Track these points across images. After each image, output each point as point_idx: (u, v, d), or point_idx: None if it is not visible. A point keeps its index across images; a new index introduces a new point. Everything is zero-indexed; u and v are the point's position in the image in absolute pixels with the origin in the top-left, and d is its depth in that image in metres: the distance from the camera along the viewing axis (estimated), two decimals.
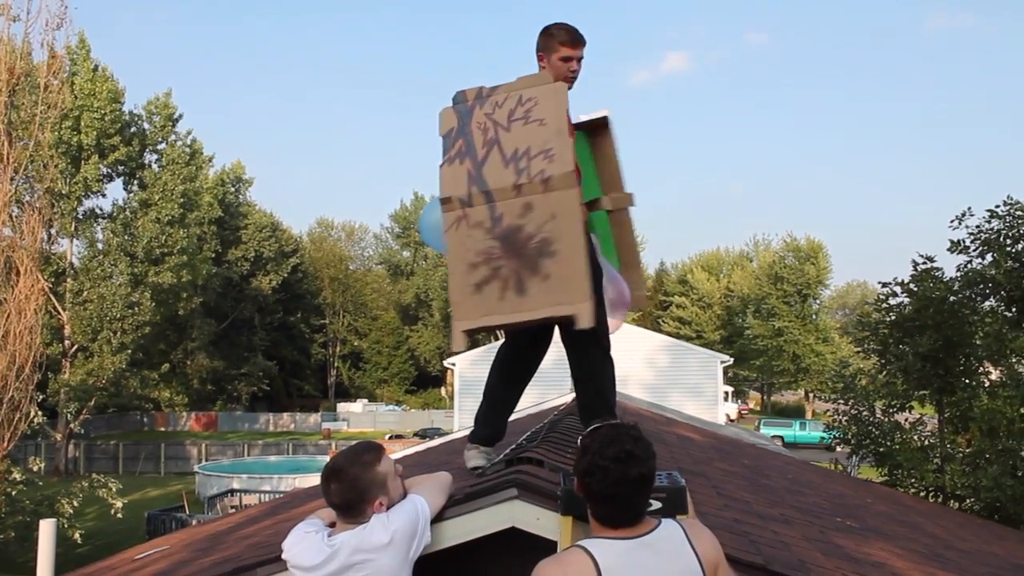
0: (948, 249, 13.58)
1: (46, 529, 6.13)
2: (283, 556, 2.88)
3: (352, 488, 2.76)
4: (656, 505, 2.68)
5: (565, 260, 3.30)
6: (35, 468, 19.53)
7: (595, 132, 4.11)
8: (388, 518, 2.72)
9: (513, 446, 4.16)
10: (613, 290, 3.87)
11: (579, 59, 3.70)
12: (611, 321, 3.89)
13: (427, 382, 74.27)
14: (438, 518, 3.00)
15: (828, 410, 15.86)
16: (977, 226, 13.33)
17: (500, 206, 3.41)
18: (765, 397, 72.87)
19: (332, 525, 2.88)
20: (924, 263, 13.68)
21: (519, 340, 3.72)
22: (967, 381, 13.15)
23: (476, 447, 3.67)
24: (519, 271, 3.36)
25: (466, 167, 3.48)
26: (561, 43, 3.64)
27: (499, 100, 3.54)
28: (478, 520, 3.03)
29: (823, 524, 4.88)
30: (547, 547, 2.96)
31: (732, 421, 45.19)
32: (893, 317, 13.91)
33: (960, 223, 13.50)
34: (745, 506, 4.56)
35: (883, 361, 14.23)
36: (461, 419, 29.76)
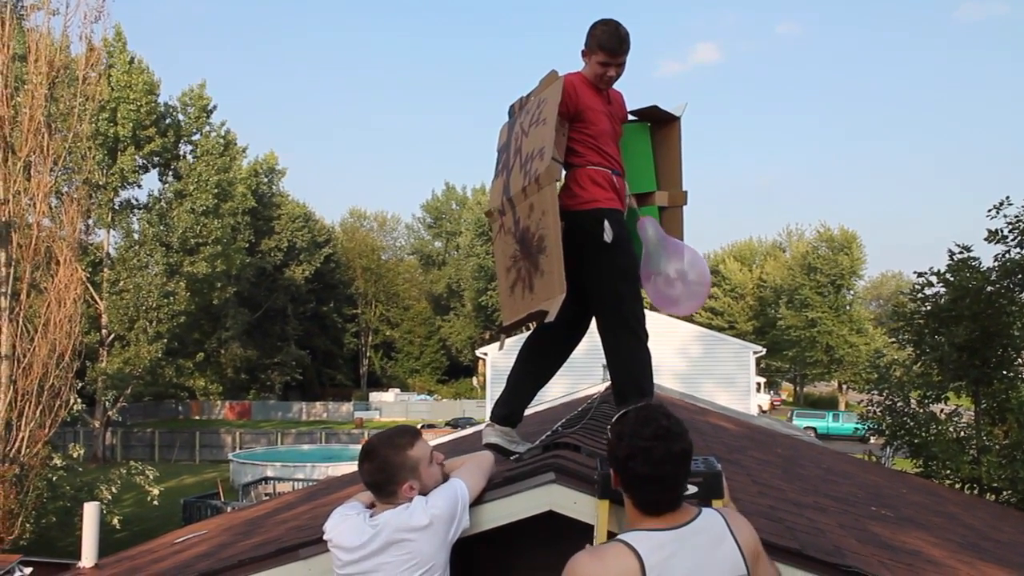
0: (985, 239, 13.39)
1: (90, 512, 6.23)
2: (325, 537, 2.92)
3: (382, 469, 2.81)
4: (692, 490, 2.65)
5: (551, 254, 3.35)
6: (75, 455, 19.87)
7: (662, 125, 4.11)
8: (428, 501, 2.75)
9: (549, 432, 4.20)
10: (695, 272, 3.88)
11: (618, 65, 3.72)
12: (691, 302, 3.91)
13: (459, 372, 74.48)
14: (477, 501, 3.02)
15: (862, 400, 15.73)
16: (1016, 215, 13.13)
17: (518, 210, 3.50)
18: (798, 388, 72.26)
19: (372, 507, 2.93)
20: (961, 252, 13.51)
21: (546, 332, 3.75)
22: (1004, 372, 12.98)
23: (493, 425, 3.73)
24: (529, 269, 3.45)
25: (502, 179, 3.57)
26: (601, 48, 3.65)
27: (529, 107, 3.61)
28: (516, 504, 3.05)
29: (858, 512, 4.86)
30: (583, 530, 2.99)
31: (764, 412, 44.93)
32: (929, 307, 13.75)
33: (998, 212, 13.30)
34: (780, 494, 4.57)
35: (918, 352, 14.08)
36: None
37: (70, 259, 18.66)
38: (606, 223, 3.53)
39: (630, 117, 4.04)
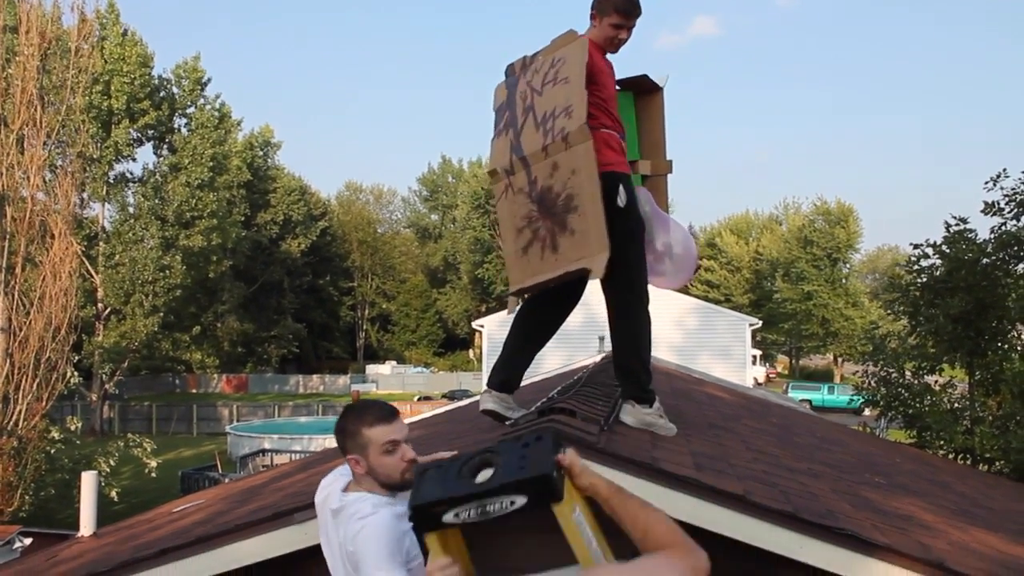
0: (982, 211, 13.40)
1: (88, 481, 6.27)
2: (316, 500, 2.97)
3: (340, 432, 2.85)
4: (519, 502, 2.07)
5: (585, 214, 3.31)
6: (72, 428, 19.92)
7: (645, 95, 4.08)
8: (368, 520, 2.70)
9: (545, 399, 4.20)
10: (682, 246, 3.87)
11: (630, 28, 3.68)
12: (679, 276, 3.90)
13: (455, 344, 74.56)
14: None
15: (857, 371, 15.79)
16: (1012, 188, 13.13)
17: (534, 169, 3.44)
18: (793, 361, 72.43)
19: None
20: (957, 225, 13.53)
21: (540, 298, 3.74)
22: (999, 343, 13.04)
23: (490, 392, 3.71)
24: (553, 229, 3.39)
25: (508, 138, 3.52)
26: (616, 9, 3.62)
27: (538, 66, 3.56)
28: None
29: (851, 479, 4.90)
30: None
31: (760, 384, 45.08)
32: (924, 279, 13.79)
33: (995, 185, 13.30)
34: (774, 460, 4.59)
35: (913, 323, 14.13)
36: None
37: (65, 232, 18.61)
38: (621, 187, 3.53)
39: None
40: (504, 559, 2.56)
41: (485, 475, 2.15)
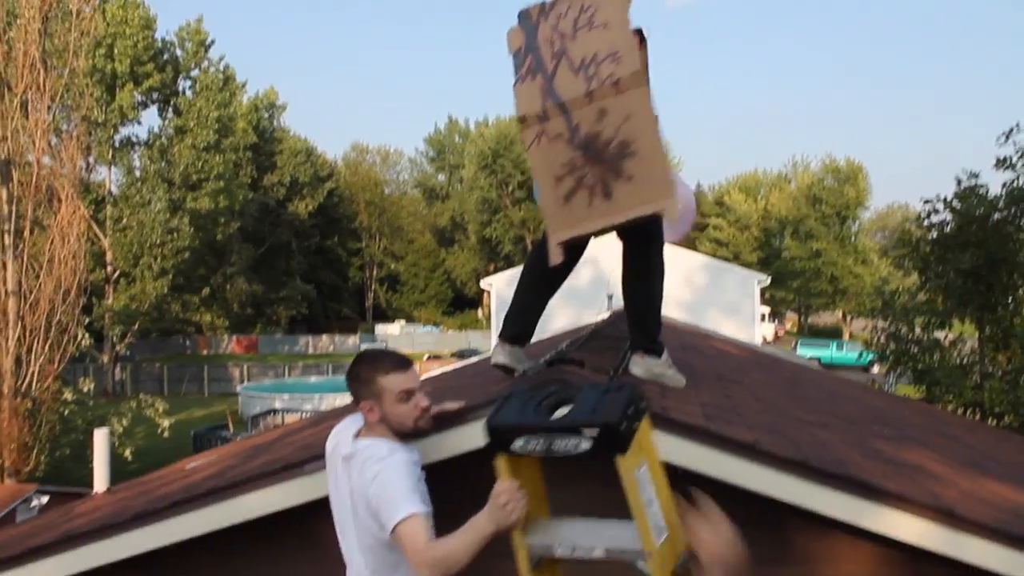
0: (994, 166, 13.28)
1: (100, 438, 6.30)
2: (326, 447, 2.99)
3: (354, 379, 2.87)
4: (584, 445, 2.14)
5: (645, 159, 3.28)
6: (85, 389, 20.08)
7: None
8: (388, 466, 2.70)
9: (554, 352, 4.19)
10: (681, 200, 3.83)
11: None
12: (678, 228, 3.86)
13: (464, 304, 74.60)
14: (463, 422, 3.07)
15: (866, 327, 15.78)
16: None
17: (576, 116, 3.35)
18: (802, 319, 72.33)
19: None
20: (968, 180, 13.41)
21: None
22: (1009, 298, 12.99)
23: (503, 344, 3.66)
24: (603, 176, 3.33)
25: (538, 83, 3.43)
26: None
27: (562, 11, 3.48)
28: None
29: (861, 431, 4.89)
30: (577, 464, 2.99)
31: (769, 342, 45.10)
32: (935, 234, 13.70)
33: (1007, 139, 13.17)
34: (784, 411, 4.59)
35: (923, 279, 14.07)
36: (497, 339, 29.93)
37: (72, 195, 18.65)
38: None
39: None
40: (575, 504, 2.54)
41: (562, 412, 2.21)
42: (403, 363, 2.88)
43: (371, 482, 2.67)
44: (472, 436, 3.03)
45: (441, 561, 2.50)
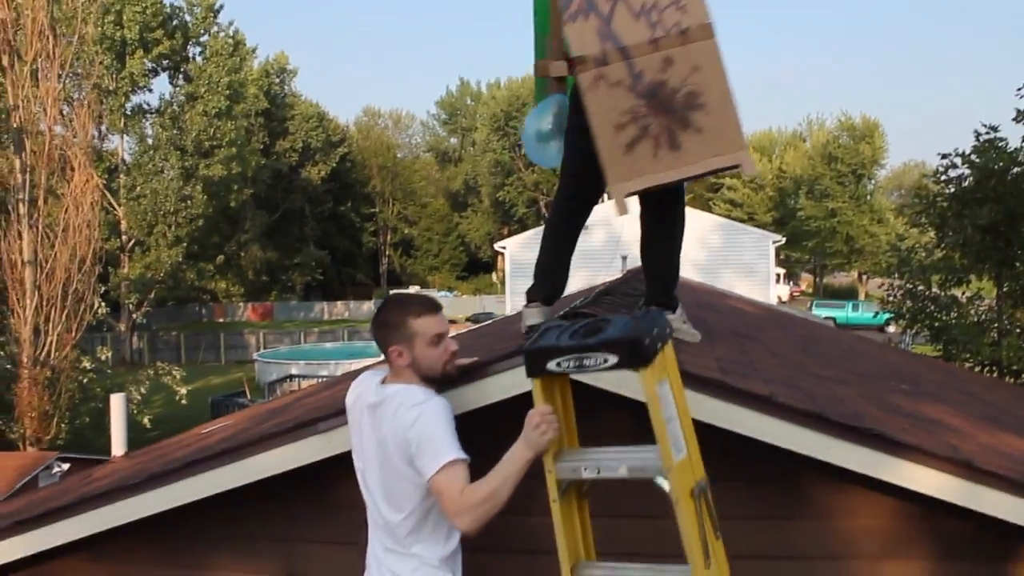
0: (1014, 119, 13.06)
1: (116, 403, 6.37)
2: (347, 400, 2.97)
3: (383, 324, 2.83)
4: (611, 360, 2.36)
5: (715, 111, 3.23)
6: (103, 357, 20.23)
7: None
8: (428, 408, 2.69)
9: (568, 307, 4.16)
10: None
11: None
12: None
13: (478, 268, 74.62)
14: (487, 373, 3.04)
15: (883, 284, 15.67)
16: None
17: (638, 63, 3.24)
18: (818, 279, 72.00)
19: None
20: (987, 133, 13.20)
21: (571, 202, 3.65)
22: None
23: (537, 306, 3.54)
24: (670, 127, 3.25)
25: (592, 23, 3.30)
26: None
27: None
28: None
29: (878, 386, 4.86)
30: (604, 399, 3.00)
31: (784, 303, 44.91)
32: (952, 189, 13.53)
33: None
34: (800, 366, 4.55)
35: (940, 235, 13.92)
36: (513, 302, 30.02)
37: (84, 164, 18.64)
38: None
39: None
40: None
41: (593, 335, 2.44)
42: (434, 306, 2.87)
43: (411, 425, 2.64)
44: (490, 390, 3.04)
45: (484, 501, 2.52)
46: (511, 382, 3.02)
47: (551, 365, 2.46)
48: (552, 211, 3.70)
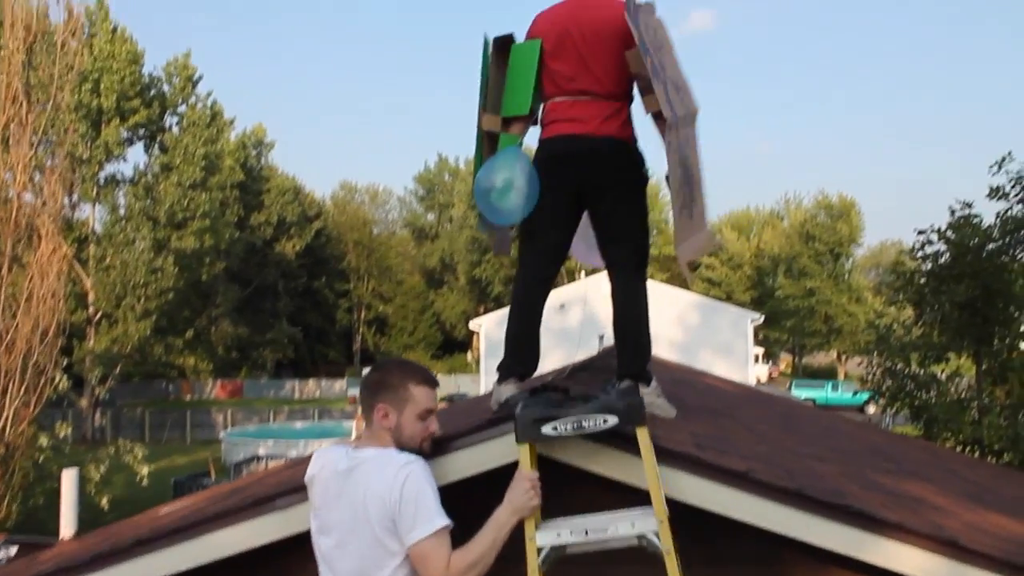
0: (987, 195, 13.26)
1: (68, 480, 6.09)
2: (307, 474, 2.83)
3: (378, 381, 2.77)
4: (611, 422, 2.61)
5: (701, 192, 3.41)
6: (61, 434, 19.58)
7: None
8: (413, 470, 2.59)
9: (540, 383, 4.00)
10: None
11: None
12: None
13: (453, 347, 74.28)
14: (455, 448, 2.96)
15: (862, 362, 15.66)
16: (1018, 171, 12.98)
17: (681, 133, 3.32)
18: (797, 359, 72.23)
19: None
20: (962, 210, 13.36)
21: (540, 272, 3.51)
22: (1006, 331, 12.89)
23: (512, 382, 3.38)
24: (692, 196, 3.42)
25: (661, 90, 3.25)
26: None
27: (648, 19, 3.34)
28: (496, 448, 2.94)
29: (859, 463, 4.72)
30: (569, 473, 2.83)
31: (763, 383, 44.93)
32: (929, 266, 13.63)
33: (1000, 168, 13.17)
34: (778, 443, 4.42)
35: (919, 311, 13.98)
36: (487, 381, 29.73)
37: (52, 232, 18.35)
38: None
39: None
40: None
41: (583, 403, 2.68)
42: (434, 381, 2.82)
43: (400, 485, 2.53)
44: (458, 465, 2.98)
45: (471, 568, 2.50)
46: (477, 459, 2.97)
47: (546, 429, 2.61)
48: (521, 283, 3.54)
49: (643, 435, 2.60)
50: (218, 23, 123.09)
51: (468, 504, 2.62)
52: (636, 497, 2.74)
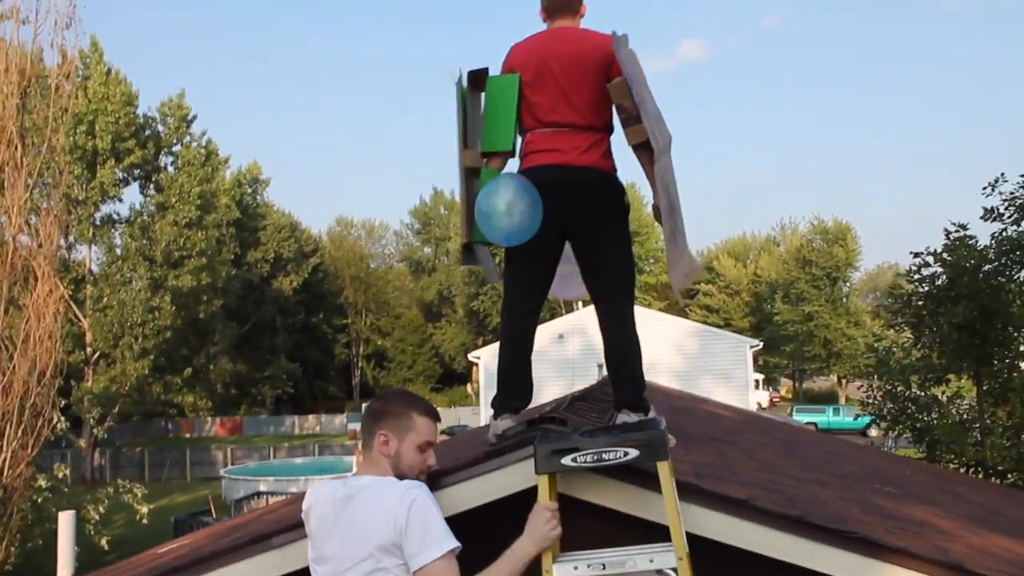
0: (982, 217, 13.30)
1: (65, 521, 6.02)
2: (303, 507, 2.80)
3: (381, 408, 2.77)
4: (633, 454, 2.60)
5: (680, 219, 3.33)
6: (60, 475, 19.45)
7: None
8: (419, 497, 2.55)
9: (537, 415, 3.97)
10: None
11: None
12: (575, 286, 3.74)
13: (452, 379, 74.08)
14: (456, 480, 2.95)
15: (862, 385, 15.62)
16: (1011, 192, 13.02)
17: (662, 162, 3.30)
18: (797, 384, 72.04)
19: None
20: (957, 231, 13.39)
21: (525, 304, 3.48)
22: (1006, 352, 12.87)
23: (508, 417, 3.34)
24: (676, 227, 3.34)
25: (648, 121, 3.28)
26: None
27: (624, 54, 3.36)
28: (497, 480, 2.94)
29: (861, 488, 4.67)
30: (568, 504, 2.79)
31: (764, 409, 44.76)
32: (926, 288, 13.64)
33: (993, 190, 13.22)
34: (779, 470, 4.37)
35: (917, 334, 13.97)
36: (487, 413, 29.56)
37: (49, 274, 18.32)
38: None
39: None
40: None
41: (601, 435, 2.68)
42: (436, 414, 2.84)
43: (407, 508, 2.49)
44: (456, 499, 2.97)
45: None
46: (475, 492, 2.95)
47: (566, 460, 2.61)
48: (508, 315, 3.50)
49: (664, 469, 2.58)
50: (211, 61, 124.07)
51: (466, 537, 2.57)
52: (640, 530, 2.73)
